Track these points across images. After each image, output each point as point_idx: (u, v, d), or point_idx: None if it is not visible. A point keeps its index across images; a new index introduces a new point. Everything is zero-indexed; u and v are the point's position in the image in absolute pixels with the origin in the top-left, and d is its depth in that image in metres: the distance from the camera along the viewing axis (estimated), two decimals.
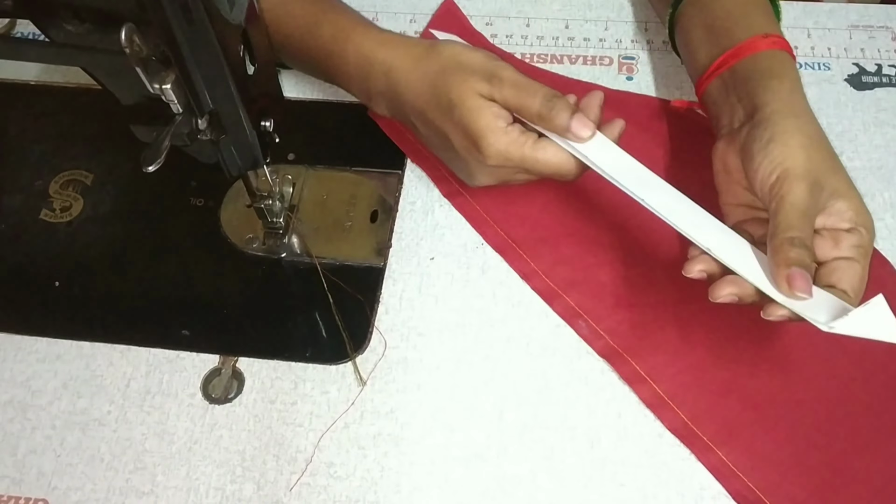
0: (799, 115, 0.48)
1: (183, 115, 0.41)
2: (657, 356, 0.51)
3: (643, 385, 0.50)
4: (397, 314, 0.54)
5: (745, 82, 0.52)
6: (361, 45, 0.55)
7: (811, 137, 0.47)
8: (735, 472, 0.47)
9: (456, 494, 0.48)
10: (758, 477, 0.47)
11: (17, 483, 0.49)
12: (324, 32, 0.57)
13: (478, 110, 0.50)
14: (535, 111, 0.50)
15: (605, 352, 0.51)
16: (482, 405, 0.51)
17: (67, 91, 0.66)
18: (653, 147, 0.59)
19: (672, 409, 0.49)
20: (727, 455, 0.48)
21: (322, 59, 0.58)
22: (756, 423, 0.48)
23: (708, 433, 0.48)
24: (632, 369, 0.51)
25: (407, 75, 0.53)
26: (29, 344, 0.54)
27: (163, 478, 0.49)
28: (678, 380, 0.50)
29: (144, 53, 0.38)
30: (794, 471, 0.47)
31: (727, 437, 0.48)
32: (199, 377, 0.52)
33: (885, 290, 0.52)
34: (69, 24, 0.38)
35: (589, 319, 0.53)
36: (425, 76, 0.52)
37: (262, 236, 0.57)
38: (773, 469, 0.47)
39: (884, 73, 0.63)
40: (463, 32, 0.67)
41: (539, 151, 0.50)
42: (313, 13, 0.57)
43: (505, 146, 0.50)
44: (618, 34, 0.67)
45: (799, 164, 0.46)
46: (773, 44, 0.52)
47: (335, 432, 0.50)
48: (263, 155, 0.48)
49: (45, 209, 0.60)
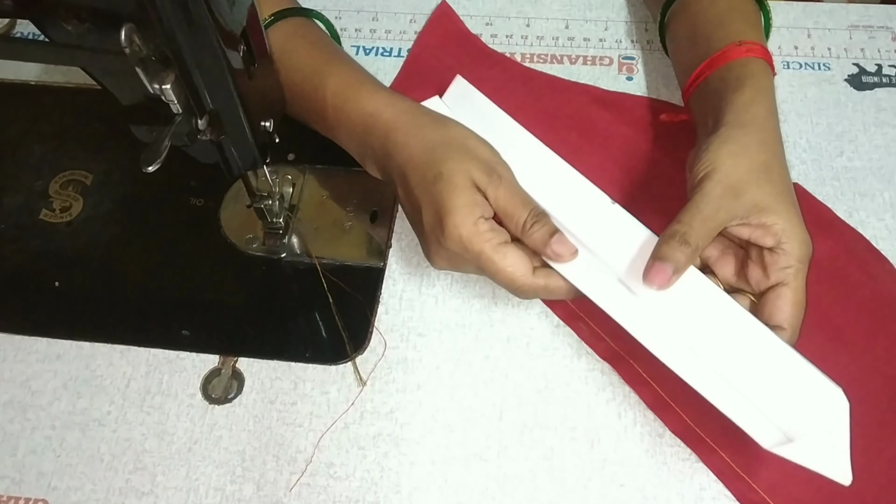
0: (745, 125, 0.48)
1: (183, 115, 0.41)
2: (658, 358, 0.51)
3: (645, 387, 0.50)
4: (397, 314, 0.54)
5: (714, 94, 0.52)
6: (367, 103, 0.53)
7: (746, 148, 0.47)
8: (739, 474, 0.47)
9: (456, 494, 0.48)
10: (762, 478, 0.47)
11: (16, 483, 0.49)
12: (329, 84, 0.54)
13: (460, 189, 0.47)
14: (522, 221, 0.48)
15: (607, 354, 0.51)
16: (482, 405, 0.51)
17: (67, 91, 0.66)
18: (651, 149, 0.59)
19: (675, 411, 0.49)
20: (731, 456, 0.47)
21: (323, 111, 0.55)
22: None
23: (711, 435, 0.48)
24: (634, 371, 0.50)
25: (406, 138, 0.51)
26: (29, 344, 0.54)
27: (162, 478, 0.49)
28: (680, 382, 0.50)
29: (144, 53, 0.38)
30: (798, 471, 0.47)
31: (730, 438, 0.48)
32: (198, 377, 0.52)
33: (883, 287, 0.52)
34: (69, 24, 0.38)
35: (590, 322, 0.52)
36: (424, 143, 0.50)
37: (262, 236, 0.57)
38: (777, 470, 0.47)
39: (884, 74, 0.63)
40: (458, 35, 0.67)
41: (498, 254, 0.47)
42: (318, 65, 0.55)
43: (468, 235, 0.47)
44: (618, 34, 0.67)
45: (719, 170, 0.46)
46: (746, 51, 0.52)
47: (335, 432, 0.50)
48: (263, 155, 0.48)
49: (45, 209, 0.60)
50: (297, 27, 0.58)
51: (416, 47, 0.66)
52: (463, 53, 0.65)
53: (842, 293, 0.52)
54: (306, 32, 0.58)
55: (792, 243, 0.45)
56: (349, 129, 0.54)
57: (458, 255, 0.48)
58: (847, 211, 0.56)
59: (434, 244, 0.49)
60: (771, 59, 0.53)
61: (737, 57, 0.52)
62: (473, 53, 0.65)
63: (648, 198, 0.56)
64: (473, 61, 0.65)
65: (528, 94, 0.62)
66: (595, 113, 0.61)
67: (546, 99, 0.62)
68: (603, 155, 0.59)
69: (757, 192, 0.46)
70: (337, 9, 0.69)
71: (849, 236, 0.55)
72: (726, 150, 0.47)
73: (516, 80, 0.64)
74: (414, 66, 0.65)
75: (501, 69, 0.64)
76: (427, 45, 0.66)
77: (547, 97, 0.62)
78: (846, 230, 0.55)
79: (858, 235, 0.55)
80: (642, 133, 0.60)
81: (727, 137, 0.48)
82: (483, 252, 0.47)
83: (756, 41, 0.53)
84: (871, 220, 0.56)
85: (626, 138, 0.60)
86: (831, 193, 0.57)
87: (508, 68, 0.64)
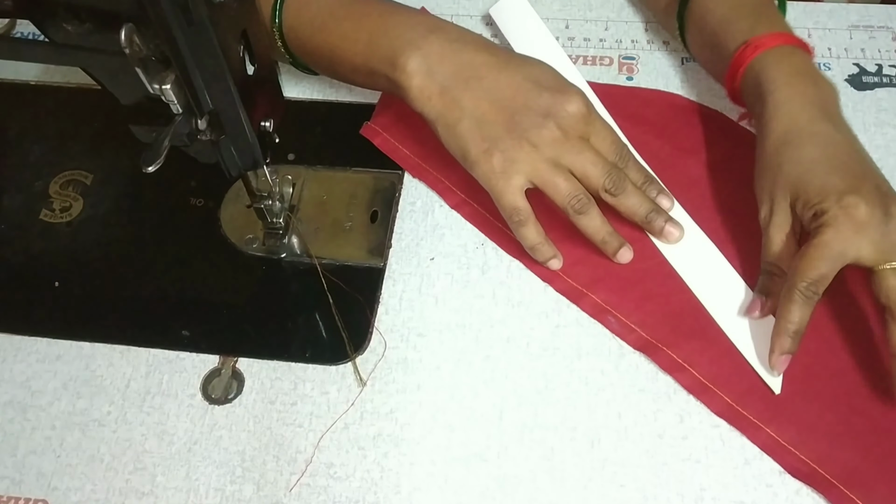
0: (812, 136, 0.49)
1: (183, 115, 0.41)
2: (692, 343, 0.51)
3: (683, 373, 0.50)
4: (397, 314, 0.54)
5: (747, 96, 0.54)
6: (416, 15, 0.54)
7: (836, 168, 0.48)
8: (786, 447, 0.47)
9: (456, 495, 0.48)
10: (809, 449, 0.47)
11: (16, 483, 0.49)
12: (372, 11, 0.54)
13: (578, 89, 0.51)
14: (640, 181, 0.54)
15: (640, 344, 0.52)
16: (482, 405, 0.50)
17: (67, 91, 0.66)
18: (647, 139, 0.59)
19: (715, 393, 0.49)
20: (776, 431, 0.48)
21: (365, 62, 0.54)
22: (798, 396, 0.49)
23: (753, 412, 0.49)
24: (669, 358, 0.51)
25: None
26: (29, 344, 0.54)
27: (162, 478, 0.49)
28: (716, 363, 0.50)
29: (144, 54, 0.38)
30: (842, 438, 0.47)
31: (773, 413, 0.48)
32: (198, 377, 0.52)
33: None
34: (69, 24, 0.38)
35: (618, 314, 0.53)
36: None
37: (261, 237, 0.57)
38: (823, 439, 0.47)
39: (884, 74, 0.63)
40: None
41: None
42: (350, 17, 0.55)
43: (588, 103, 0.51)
44: (618, 34, 0.67)
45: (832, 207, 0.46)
46: (755, 49, 0.53)
47: (335, 433, 0.50)
48: (263, 155, 0.48)
49: (45, 209, 0.60)
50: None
51: None
52: None
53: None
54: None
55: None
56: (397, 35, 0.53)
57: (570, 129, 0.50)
58: None
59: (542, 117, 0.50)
60: (787, 38, 0.53)
61: (749, 60, 0.53)
62: None
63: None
64: None
65: None
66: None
67: None
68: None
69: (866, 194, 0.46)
70: None
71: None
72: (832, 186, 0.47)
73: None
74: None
75: None
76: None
77: None
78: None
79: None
80: (636, 124, 0.60)
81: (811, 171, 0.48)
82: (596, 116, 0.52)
83: (757, 35, 0.53)
84: None
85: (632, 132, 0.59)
86: None
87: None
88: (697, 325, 0.52)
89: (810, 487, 0.46)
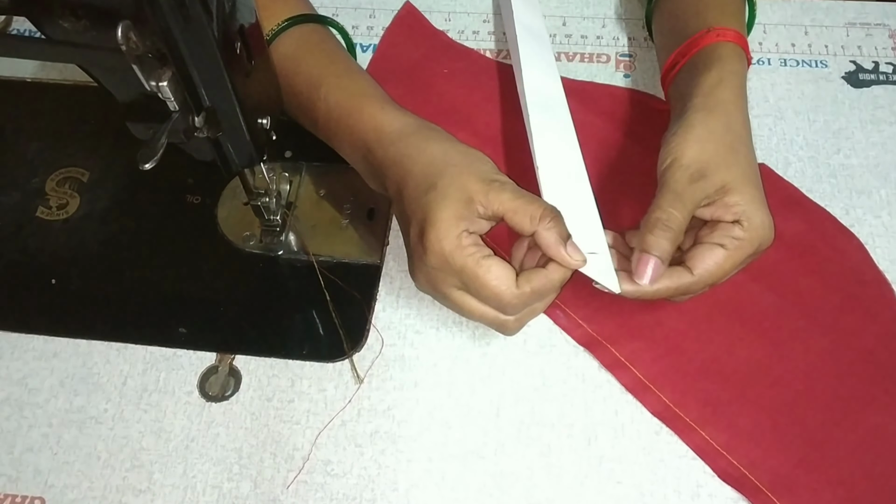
0: (711, 109, 0.49)
1: (179, 112, 0.41)
2: (635, 342, 0.51)
3: (624, 371, 0.51)
4: (394, 312, 0.54)
5: (684, 81, 0.53)
6: (372, 117, 0.51)
7: (712, 132, 0.48)
8: (719, 451, 0.48)
9: (453, 491, 0.48)
10: (741, 454, 0.48)
11: (13, 481, 0.49)
12: (333, 96, 0.53)
13: (449, 201, 0.45)
14: (538, 214, 0.45)
15: (585, 340, 0.52)
16: (479, 402, 0.51)
17: (64, 88, 0.66)
18: (621, 138, 0.60)
19: (654, 393, 0.50)
20: (710, 434, 0.48)
21: (326, 121, 0.54)
22: (736, 402, 0.49)
23: (690, 414, 0.49)
24: (611, 356, 0.51)
25: (409, 149, 0.49)
26: (25, 342, 0.54)
27: (159, 476, 0.49)
28: (658, 363, 0.51)
29: (141, 51, 0.38)
30: (776, 445, 0.48)
31: (709, 416, 0.49)
32: (195, 375, 0.52)
33: (850, 262, 0.53)
34: (66, 21, 0.38)
35: (566, 309, 0.53)
36: (427, 156, 0.48)
37: (258, 234, 0.57)
38: (756, 445, 0.48)
39: (881, 71, 0.63)
40: (424, 31, 0.67)
41: (482, 268, 0.44)
42: (324, 75, 0.54)
43: (450, 248, 0.44)
44: (615, 31, 0.67)
45: (687, 155, 0.48)
46: (716, 36, 0.53)
47: (332, 430, 0.50)
48: (260, 152, 0.48)
49: (42, 207, 0.59)
50: (310, 33, 0.57)
51: (381, 45, 0.66)
52: (430, 48, 0.66)
53: (811, 269, 0.54)
54: (319, 39, 0.57)
55: (751, 222, 0.46)
56: (351, 142, 0.52)
57: (439, 272, 0.46)
58: (843, 208, 0.56)
59: (416, 259, 0.47)
60: (744, 43, 0.53)
61: (707, 43, 0.53)
62: (441, 48, 0.66)
63: (619, 184, 0.57)
64: (442, 55, 0.65)
65: (496, 86, 0.63)
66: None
67: (515, 90, 0.62)
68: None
69: (724, 173, 0.47)
70: (334, 6, 0.69)
71: (816, 214, 0.56)
72: (693, 136, 0.48)
73: (484, 72, 0.64)
74: (381, 64, 0.65)
75: (469, 62, 0.65)
76: (393, 43, 0.66)
77: (516, 88, 0.62)
78: (814, 208, 0.56)
79: (826, 213, 0.56)
80: (612, 122, 0.61)
81: (693, 122, 0.49)
82: (466, 266, 0.44)
83: (728, 26, 0.53)
84: (868, 218, 0.56)
85: (596, 127, 0.60)
86: (828, 191, 0.57)
87: (476, 61, 0.65)
88: (643, 322, 0.52)
89: (738, 493, 0.47)
